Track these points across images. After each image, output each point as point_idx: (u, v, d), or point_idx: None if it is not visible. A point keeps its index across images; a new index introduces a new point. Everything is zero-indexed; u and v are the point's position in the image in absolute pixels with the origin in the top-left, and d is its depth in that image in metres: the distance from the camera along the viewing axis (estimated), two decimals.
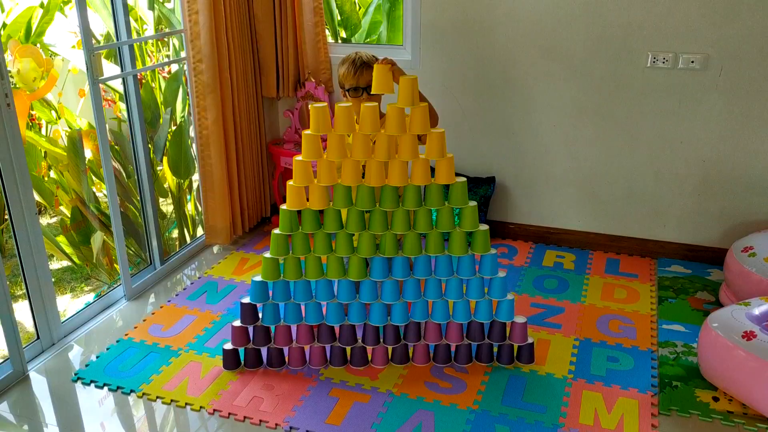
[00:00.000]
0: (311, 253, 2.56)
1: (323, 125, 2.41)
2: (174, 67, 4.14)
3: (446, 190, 2.52)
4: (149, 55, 4.38)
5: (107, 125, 3.08)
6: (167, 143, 3.92)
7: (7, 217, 2.68)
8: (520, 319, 2.67)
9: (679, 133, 3.35)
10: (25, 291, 2.76)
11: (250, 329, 2.68)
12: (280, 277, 2.59)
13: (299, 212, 2.53)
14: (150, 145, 3.52)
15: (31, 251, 2.71)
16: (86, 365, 2.74)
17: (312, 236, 2.55)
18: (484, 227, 2.56)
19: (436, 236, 2.54)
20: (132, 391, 2.58)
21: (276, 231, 2.54)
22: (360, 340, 2.69)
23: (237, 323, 2.66)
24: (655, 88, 3.30)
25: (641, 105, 3.36)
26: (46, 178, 3.90)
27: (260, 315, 2.65)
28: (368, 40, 4.78)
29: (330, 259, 2.56)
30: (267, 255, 2.56)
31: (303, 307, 2.65)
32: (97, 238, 3.75)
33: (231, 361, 2.68)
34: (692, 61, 3.20)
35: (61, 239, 3.84)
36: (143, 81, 3.99)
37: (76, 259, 3.89)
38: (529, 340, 2.70)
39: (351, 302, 2.60)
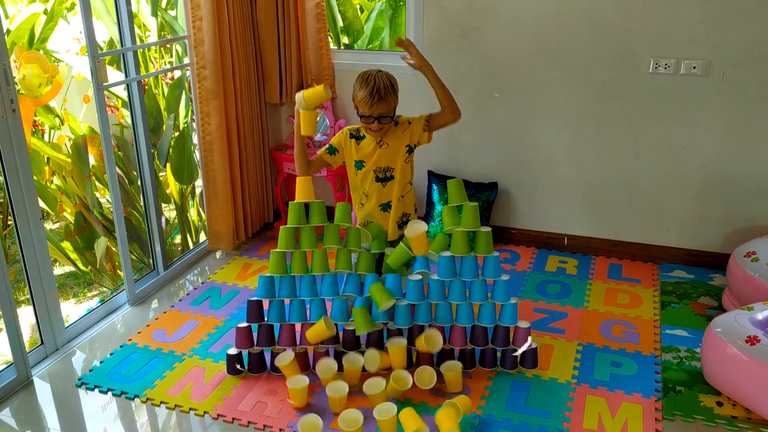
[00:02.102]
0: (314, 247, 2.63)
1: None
2: (177, 74, 4.15)
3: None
4: (152, 62, 4.39)
5: (111, 131, 3.09)
6: (170, 149, 3.93)
7: (11, 222, 2.68)
8: (523, 324, 2.67)
9: (681, 139, 3.36)
10: (29, 296, 2.76)
11: (254, 334, 2.68)
12: (287, 272, 2.62)
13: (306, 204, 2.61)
14: (153, 151, 3.53)
15: (35, 257, 2.72)
16: (90, 370, 2.74)
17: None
18: (486, 229, 2.57)
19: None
20: (135, 396, 2.58)
21: (283, 226, 2.59)
22: (363, 345, 2.70)
23: (241, 325, 2.66)
24: (657, 93, 3.31)
25: (643, 111, 3.37)
26: (50, 184, 3.91)
27: (266, 316, 2.66)
28: (370, 46, 4.79)
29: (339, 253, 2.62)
30: (275, 250, 2.60)
31: (308, 308, 2.66)
32: (101, 244, 3.76)
33: (235, 366, 2.69)
34: (694, 67, 3.21)
35: (66, 245, 3.84)
36: (146, 87, 4.01)
37: (80, 265, 3.89)
38: (533, 345, 2.70)
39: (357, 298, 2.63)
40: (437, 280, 2.60)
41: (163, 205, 4.04)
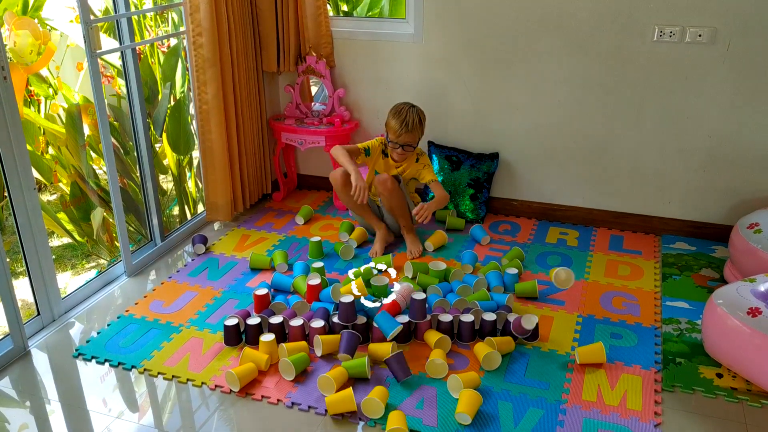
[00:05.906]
0: None
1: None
2: (173, 42, 4.08)
3: None
4: (148, 31, 4.32)
5: (106, 101, 3.03)
6: (166, 119, 3.87)
7: (6, 194, 2.65)
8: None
9: (684, 109, 3.30)
10: (25, 268, 2.74)
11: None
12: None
13: None
14: (149, 121, 3.48)
15: (31, 228, 2.69)
16: (87, 341, 2.73)
17: None
18: None
19: None
20: (133, 367, 2.57)
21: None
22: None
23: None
24: (661, 62, 3.25)
25: (647, 80, 3.31)
26: (45, 155, 3.87)
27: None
28: (370, 13, 4.71)
29: None
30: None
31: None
32: (97, 214, 3.73)
33: (232, 337, 2.67)
34: (699, 35, 3.14)
35: (62, 216, 3.81)
36: (141, 56, 3.94)
37: (76, 236, 3.87)
38: (533, 318, 2.68)
39: None
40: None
41: (161, 176, 4.00)
